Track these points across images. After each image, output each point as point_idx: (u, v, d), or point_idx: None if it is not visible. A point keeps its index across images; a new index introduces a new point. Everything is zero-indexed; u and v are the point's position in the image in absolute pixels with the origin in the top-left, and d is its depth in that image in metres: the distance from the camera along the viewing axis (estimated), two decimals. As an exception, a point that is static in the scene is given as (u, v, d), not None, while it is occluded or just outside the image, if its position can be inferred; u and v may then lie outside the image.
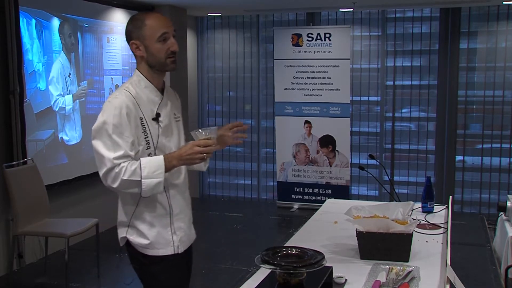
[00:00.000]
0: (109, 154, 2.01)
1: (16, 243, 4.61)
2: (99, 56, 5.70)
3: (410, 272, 2.04)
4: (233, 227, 6.14)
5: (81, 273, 4.64)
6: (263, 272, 2.00)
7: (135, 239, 2.17)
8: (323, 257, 1.80)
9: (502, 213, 4.07)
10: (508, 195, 4.03)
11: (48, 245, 4.65)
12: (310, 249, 1.88)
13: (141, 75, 2.18)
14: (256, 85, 7.60)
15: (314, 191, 6.84)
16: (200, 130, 2.10)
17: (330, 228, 2.73)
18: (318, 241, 2.47)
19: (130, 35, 2.15)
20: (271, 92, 7.26)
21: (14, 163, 4.54)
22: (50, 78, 5.01)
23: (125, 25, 2.20)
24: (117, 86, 5.99)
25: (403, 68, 7.00)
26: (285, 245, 2.16)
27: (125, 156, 2.02)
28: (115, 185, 2.03)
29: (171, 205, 2.18)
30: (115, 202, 2.25)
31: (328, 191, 6.75)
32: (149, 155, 2.11)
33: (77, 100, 5.42)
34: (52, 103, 5.05)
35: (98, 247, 4.55)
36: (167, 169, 2.07)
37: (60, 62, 5.15)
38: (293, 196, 6.94)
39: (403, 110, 7.10)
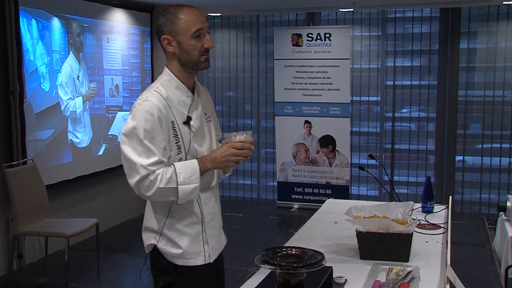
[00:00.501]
0: (141, 160, 1.88)
1: (16, 243, 4.61)
2: (99, 56, 5.70)
3: (410, 272, 2.04)
4: (233, 227, 6.14)
5: (81, 273, 4.64)
6: (263, 272, 2.00)
7: (165, 248, 2.04)
8: (323, 257, 1.80)
9: (502, 213, 4.07)
10: (508, 195, 4.02)
11: (48, 245, 4.65)
12: (310, 249, 1.88)
13: (172, 74, 2.03)
14: (256, 85, 7.60)
15: (314, 191, 6.84)
16: (235, 133, 2.02)
17: (330, 228, 2.73)
18: (318, 241, 2.47)
19: (161, 29, 1.99)
20: (271, 92, 7.26)
21: (14, 163, 4.54)
22: (59, 82, 5.07)
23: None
24: (117, 86, 5.99)
25: (403, 68, 7.00)
26: (285, 245, 2.16)
27: (158, 163, 1.91)
28: (149, 194, 1.91)
29: (203, 212, 2.07)
30: (115, 202, 2.25)
31: (328, 191, 6.75)
32: (180, 160, 1.99)
33: (87, 102, 5.49)
34: (62, 108, 5.11)
35: (98, 247, 4.55)
36: (202, 173, 1.96)
37: (68, 64, 5.19)
38: (293, 196, 6.94)
39: (403, 110, 7.10)
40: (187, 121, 2.01)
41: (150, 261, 2.12)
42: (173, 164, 1.94)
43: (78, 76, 5.34)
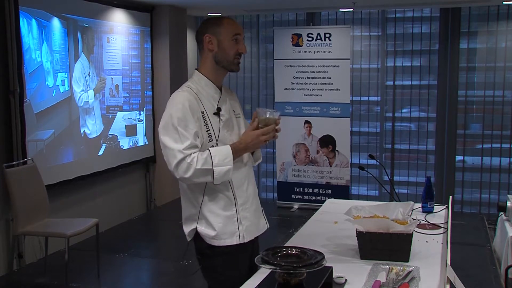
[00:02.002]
0: (177, 146, 2.10)
1: (16, 243, 4.61)
2: (99, 56, 5.70)
3: (410, 272, 2.04)
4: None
5: (81, 273, 4.64)
6: (263, 272, 2.00)
7: (204, 230, 2.23)
8: (323, 257, 1.80)
9: (502, 213, 4.07)
10: (508, 195, 4.02)
11: (48, 245, 4.65)
12: (310, 249, 1.88)
13: (201, 75, 2.27)
14: (256, 85, 7.60)
15: (314, 191, 6.84)
16: (263, 109, 2.25)
17: (330, 228, 2.73)
18: (318, 241, 2.47)
19: (205, 29, 2.25)
20: (271, 92, 7.25)
21: (14, 163, 4.54)
22: (74, 77, 5.28)
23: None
24: (117, 86, 5.99)
25: (403, 68, 7.00)
26: (285, 245, 2.16)
27: (192, 147, 2.11)
28: (187, 175, 2.09)
29: (235, 195, 2.26)
30: (115, 202, 2.27)
31: (328, 191, 6.75)
32: (212, 147, 2.19)
33: (98, 94, 5.67)
34: (76, 99, 5.34)
35: (98, 247, 4.54)
36: (234, 157, 2.16)
37: (80, 62, 5.38)
38: (293, 196, 6.94)
39: (403, 110, 7.10)
40: (217, 112, 2.25)
41: (195, 248, 2.31)
42: (208, 149, 2.15)
43: (89, 72, 5.52)
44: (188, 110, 2.14)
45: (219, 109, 2.25)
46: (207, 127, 2.20)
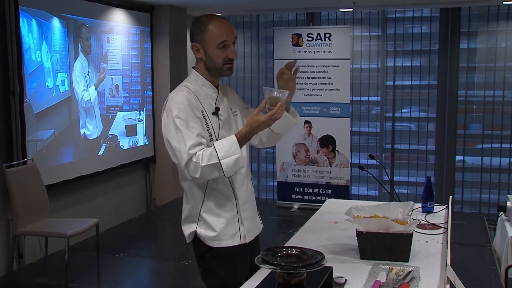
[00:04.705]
0: (182, 147, 2.07)
1: (16, 243, 4.61)
2: (99, 56, 5.70)
3: (410, 272, 2.04)
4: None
5: (81, 273, 4.64)
6: (263, 272, 2.00)
7: (203, 232, 2.21)
8: (323, 257, 1.80)
9: (502, 213, 4.07)
10: (508, 195, 4.03)
11: (48, 245, 4.65)
12: (310, 249, 1.88)
13: (198, 74, 2.27)
14: (256, 85, 7.60)
15: (314, 191, 6.84)
16: (272, 89, 2.16)
17: (330, 228, 2.73)
18: (318, 241, 2.47)
19: (192, 37, 2.24)
20: (271, 92, 7.25)
21: (14, 163, 4.54)
22: (74, 77, 5.30)
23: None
24: (117, 86, 5.99)
25: (403, 68, 7.00)
26: (285, 245, 2.16)
27: (197, 145, 2.07)
28: (197, 175, 2.06)
29: (236, 195, 2.24)
30: (115, 202, 2.26)
31: (328, 191, 6.75)
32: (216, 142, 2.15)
33: (99, 89, 5.70)
34: (79, 100, 5.36)
35: (98, 247, 4.54)
36: (241, 144, 2.11)
37: (80, 62, 5.39)
38: (293, 196, 6.94)
39: (403, 110, 7.10)
40: (216, 111, 2.22)
41: (194, 251, 2.30)
42: (213, 143, 2.11)
43: (88, 72, 5.52)
44: (189, 108, 2.12)
45: (217, 109, 2.23)
46: (208, 126, 2.17)
